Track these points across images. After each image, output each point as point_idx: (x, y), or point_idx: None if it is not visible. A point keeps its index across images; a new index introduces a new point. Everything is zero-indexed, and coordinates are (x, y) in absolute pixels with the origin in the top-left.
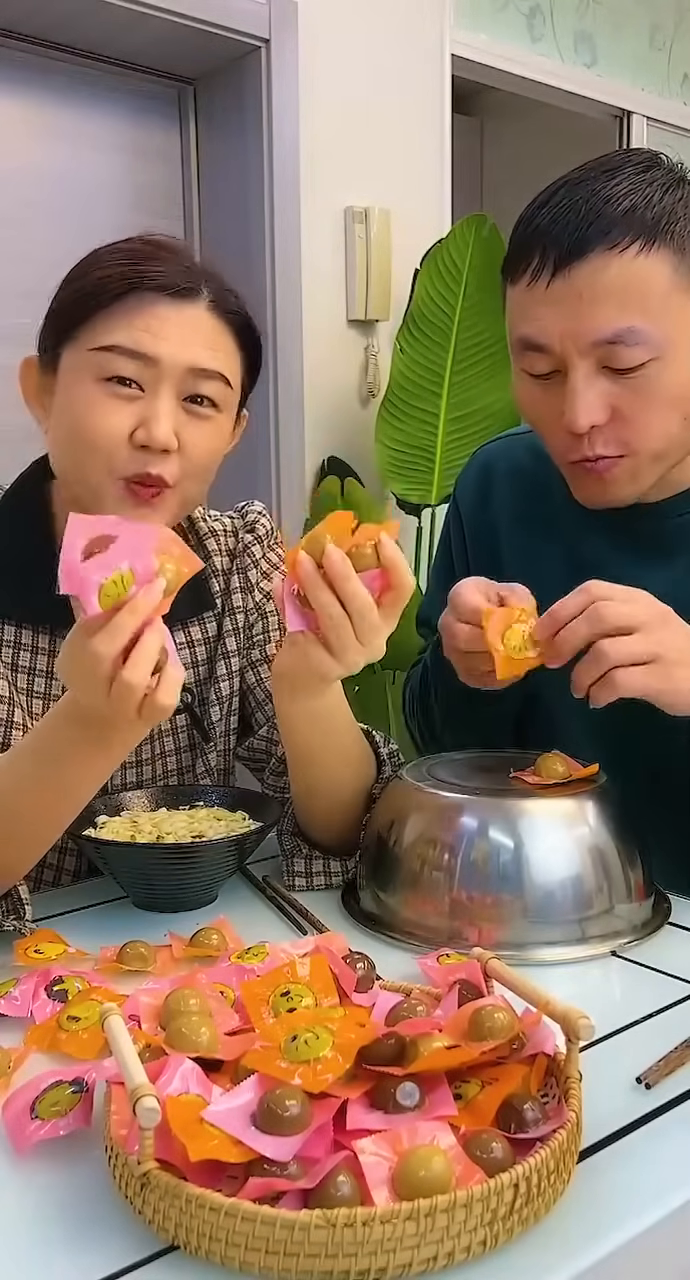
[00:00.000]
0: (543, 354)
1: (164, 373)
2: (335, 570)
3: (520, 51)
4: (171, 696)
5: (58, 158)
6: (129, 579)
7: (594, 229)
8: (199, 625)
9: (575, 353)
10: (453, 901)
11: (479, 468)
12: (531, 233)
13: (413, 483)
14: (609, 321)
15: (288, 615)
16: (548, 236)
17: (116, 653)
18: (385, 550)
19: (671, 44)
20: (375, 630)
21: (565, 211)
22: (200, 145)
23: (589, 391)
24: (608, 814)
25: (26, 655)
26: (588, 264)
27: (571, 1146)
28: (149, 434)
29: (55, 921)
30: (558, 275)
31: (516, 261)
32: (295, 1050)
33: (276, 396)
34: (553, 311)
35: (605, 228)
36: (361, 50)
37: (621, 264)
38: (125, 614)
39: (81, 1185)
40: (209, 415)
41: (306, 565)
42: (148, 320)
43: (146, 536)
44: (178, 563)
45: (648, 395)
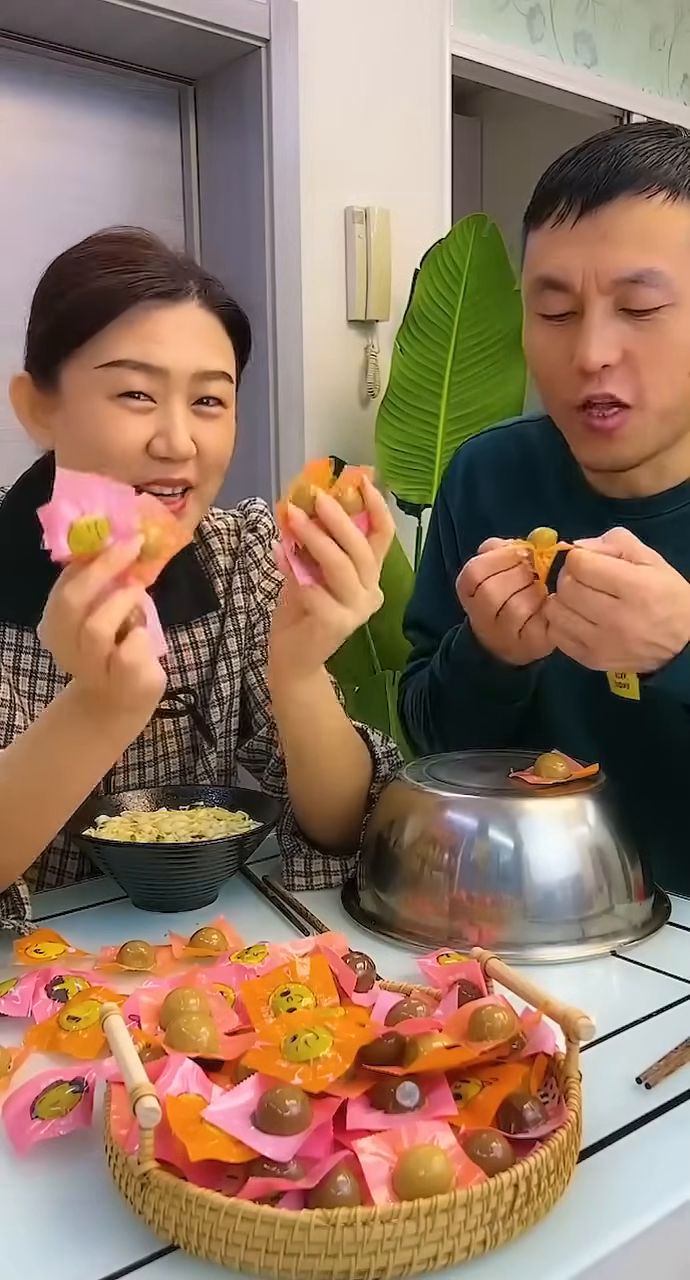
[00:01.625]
0: (561, 292)
1: (173, 382)
2: (330, 516)
3: (520, 51)
4: (137, 654)
5: (58, 158)
6: (104, 526)
7: (622, 175)
8: (202, 626)
9: (595, 290)
10: (453, 901)
11: (464, 464)
12: (559, 182)
13: (413, 483)
14: (631, 260)
15: (296, 571)
16: (574, 184)
17: (84, 603)
18: (369, 494)
19: (671, 44)
20: (373, 572)
21: (593, 161)
22: (200, 145)
23: (605, 328)
24: (608, 814)
25: (28, 658)
26: (614, 205)
27: (571, 1146)
28: (169, 445)
29: (55, 921)
30: (584, 216)
31: (541, 207)
32: (295, 1050)
33: (276, 396)
34: (576, 250)
35: (632, 175)
36: (361, 50)
37: (647, 209)
38: (97, 565)
39: (81, 1185)
40: (217, 414)
41: (301, 517)
42: (148, 329)
43: (130, 496)
44: (162, 530)
45: (660, 341)
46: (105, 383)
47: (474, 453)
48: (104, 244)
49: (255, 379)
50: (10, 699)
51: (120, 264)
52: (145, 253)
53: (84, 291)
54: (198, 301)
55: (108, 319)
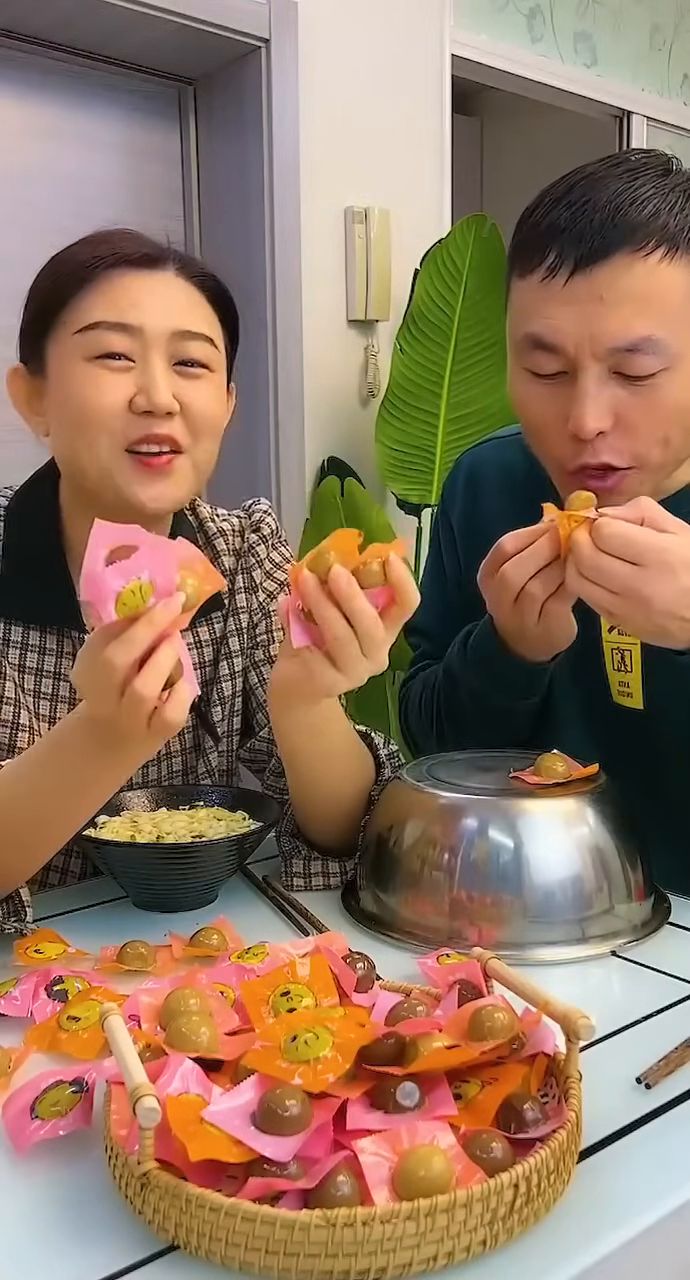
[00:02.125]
0: (553, 354)
1: (150, 340)
2: (341, 591)
3: (520, 51)
4: (180, 713)
5: (58, 158)
6: (148, 590)
7: (618, 230)
8: (207, 626)
9: (589, 355)
10: (453, 901)
11: (465, 474)
12: (547, 228)
13: (413, 483)
14: (628, 328)
15: (292, 631)
16: (567, 234)
17: (130, 663)
18: (394, 569)
19: (671, 44)
20: (380, 645)
21: (587, 210)
22: (200, 145)
23: (600, 395)
24: (608, 814)
25: (34, 656)
26: (610, 265)
27: (571, 1146)
28: (149, 399)
29: (55, 921)
30: (578, 273)
31: (529, 256)
32: (295, 1050)
33: (276, 396)
34: (569, 311)
35: (629, 230)
36: (361, 50)
37: (645, 269)
38: (142, 625)
39: (81, 1185)
40: (201, 375)
41: (310, 583)
42: (122, 293)
43: (169, 550)
44: (200, 579)
45: (654, 405)
46: (83, 346)
47: (475, 462)
48: (86, 236)
49: (255, 379)
50: (16, 697)
51: (96, 242)
52: (123, 233)
53: (61, 271)
54: (174, 271)
55: (82, 285)
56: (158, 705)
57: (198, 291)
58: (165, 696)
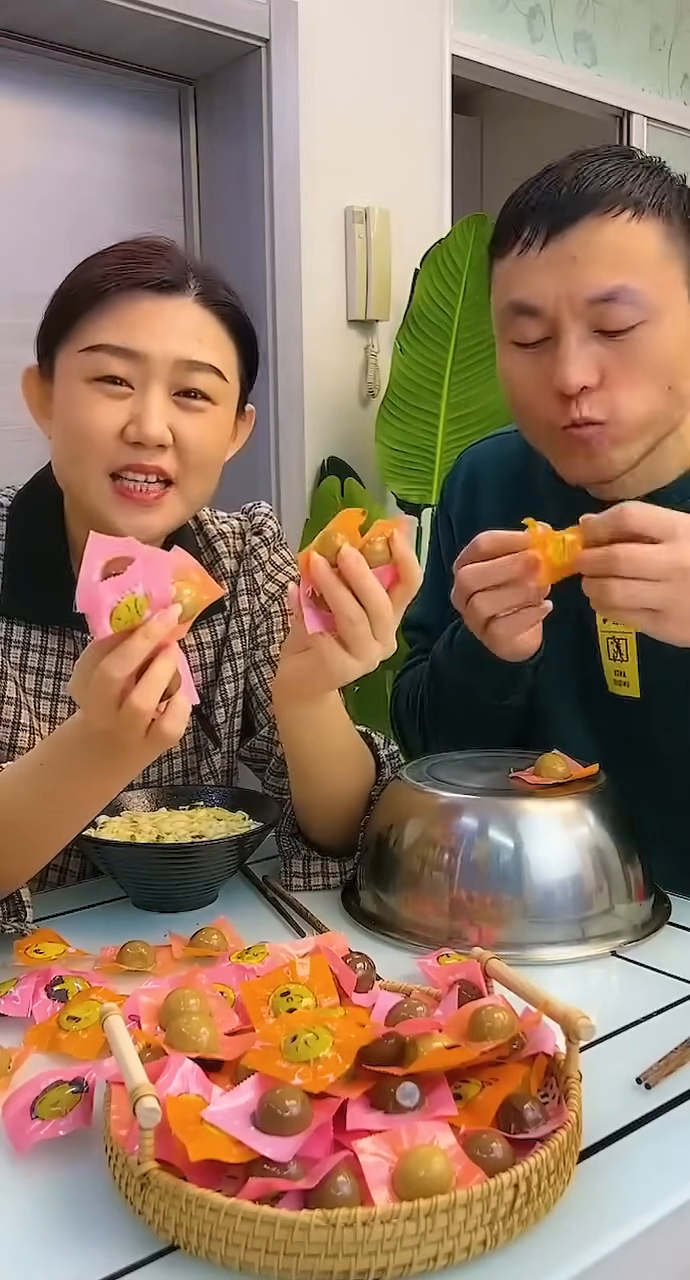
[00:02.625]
0: (534, 318)
1: (152, 368)
2: (352, 570)
3: (520, 51)
4: (178, 725)
5: (58, 158)
6: (143, 603)
7: (585, 196)
8: (208, 628)
9: (569, 313)
10: (453, 901)
11: (465, 471)
12: (520, 210)
13: (413, 483)
14: (602, 280)
15: (306, 618)
16: (537, 210)
17: (127, 675)
18: (398, 546)
19: (671, 44)
20: (389, 625)
21: (554, 186)
22: (200, 145)
23: (582, 352)
24: (608, 814)
25: (35, 655)
26: (581, 227)
27: (571, 1146)
28: (140, 430)
29: (55, 921)
30: (551, 240)
31: (505, 235)
32: (295, 1050)
33: (276, 396)
34: (546, 275)
35: (595, 195)
36: (361, 50)
37: (614, 228)
38: (138, 638)
39: (81, 1185)
40: (202, 408)
41: (321, 566)
42: (133, 317)
43: (165, 561)
44: (196, 589)
45: (635, 359)
46: (86, 366)
47: (476, 458)
48: (125, 243)
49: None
50: (17, 697)
51: (121, 258)
52: (151, 252)
53: (79, 282)
54: (194, 298)
55: (96, 302)
56: (155, 717)
57: (216, 320)
58: (163, 708)
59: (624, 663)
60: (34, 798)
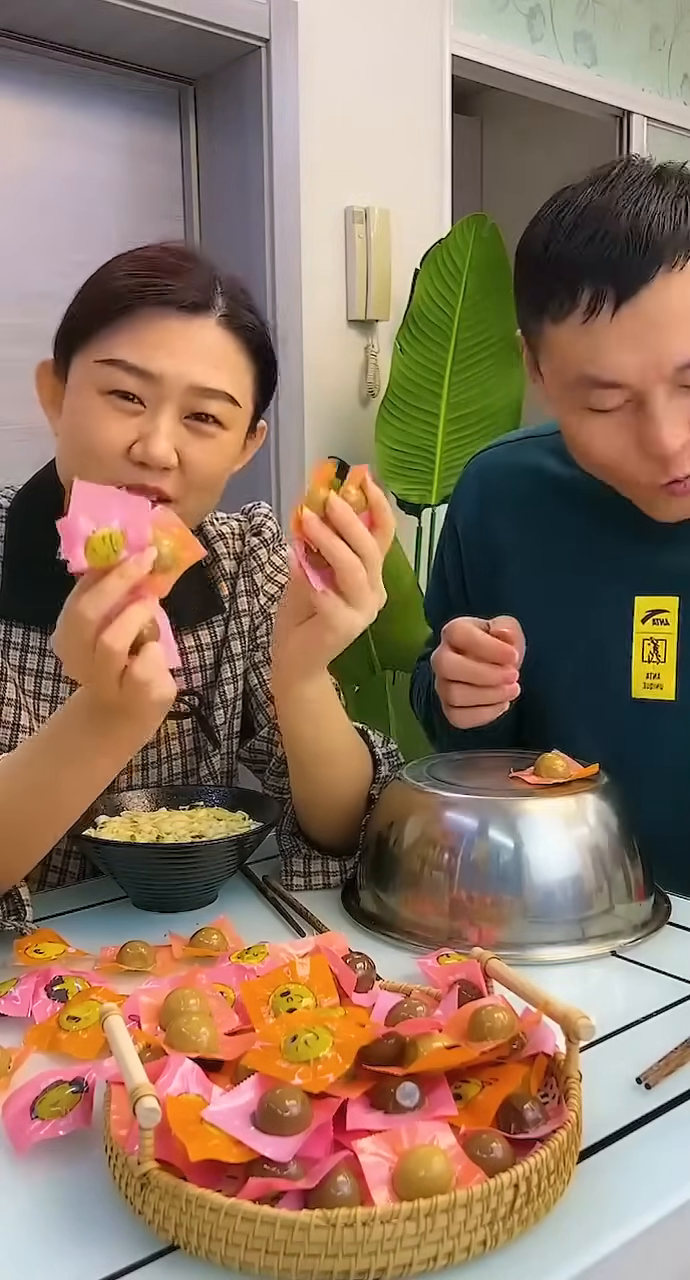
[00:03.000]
0: (616, 389)
1: (166, 390)
2: (342, 518)
3: (520, 51)
4: (151, 671)
5: (58, 158)
6: (119, 539)
7: (649, 255)
8: (208, 629)
9: (656, 380)
10: (453, 901)
11: (475, 479)
12: (568, 265)
13: (413, 483)
14: (686, 343)
15: (311, 579)
16: (595, 268)
17: (100, 615)
18: (371, 491)
19: (671, 44)
20: (379, 572)
21: (606, 240)
22: (200, 145)
23: (671, 414)
24: (608, 814)
25: (34, 658)
26: (651, 289)
27: (571, 1146)
28: (146, 451)
29: (55, 921)
30: (623, 306)
31: (557, 298)
32: (295, 1050)
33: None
34: (626, 345)
35: (659, 251)
36: (361, 50)
37: (682, 280)
38: (113, 577)
39: (81, 1185)
40: (212, 433)
41: (314, 521)
42: (153, 336)
43: (144, 507)
44: (176, 542)
45: None
46: (100, 378)
47: (486, 467)
48: (153, 250)
49: None
50: (17, 698)
51: (150, 270)
52: (180, 266)
53: (105, 288)
54: (218, 319)
55: (117, 317)
56: (128, 665)
57: (237, 343)
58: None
59: (660, 664)
60: (27, 788)
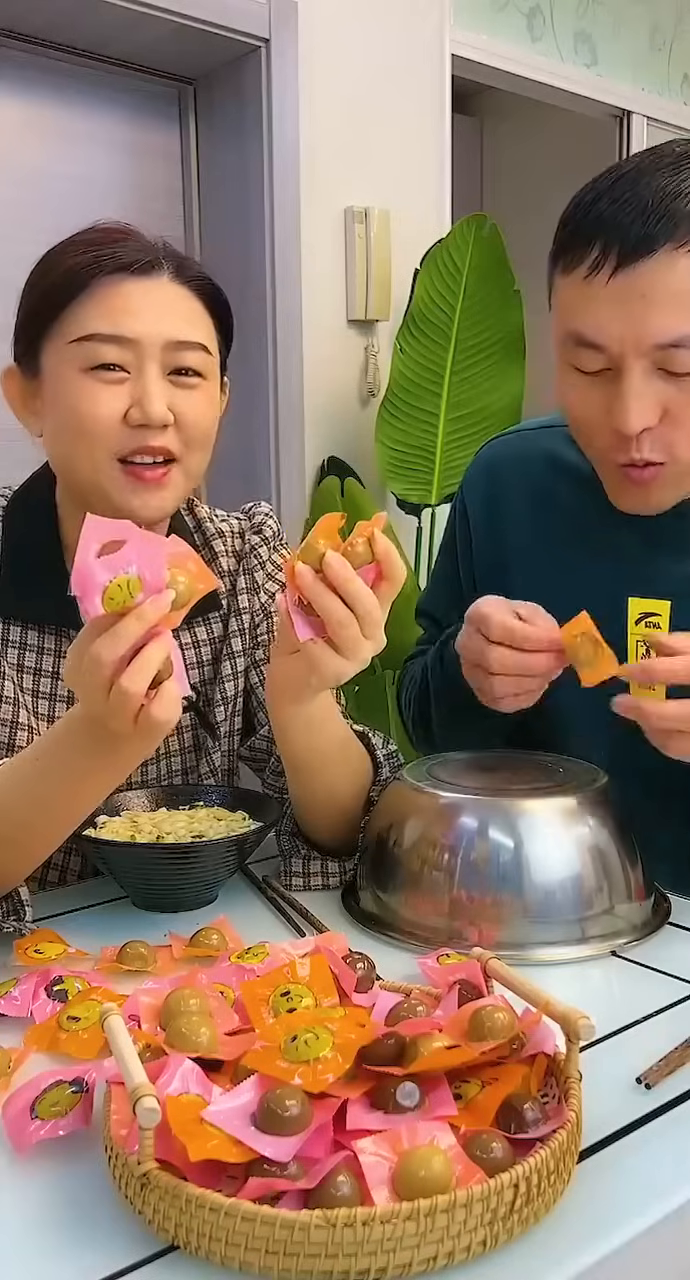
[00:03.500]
0: (597, 351)
1: (145, 351)
2: (337, 575)
3: (520, 51)
4: (168, 711)
5: (58, 158)
6: (136, 585)
7: (662, 225)
8: (205, 626)
9: (633, 353)
10: (453, 901)
11: (485, 466)
12: (590, 221)
13: (413, 483)
14: (671, 325)
15: (296, 626)
16: (609, 228)
17: (117, 658)
18: (379, 544)
19: (671, 44)
20: (378, 624)
21: (629, 204)
22: (200, 145)
23: (644, 392)
24: (608, 814)
25: (32, 656)
26: (653, 260)
27: (571, 1146)
28: (144, 412)
29: (55, 921)
30: (620, 270)
31: (572, 250)
32: (295, 1050)
33: (276, 396)
34: (613, 310)
35: (673, 225)
36: (361, 50)
37: (688, 264)
38: (130, 620)
39: (81, 1185)
40: (196, 384)
41: (307, 575)
42: (118, 301)
43: (159, 546)
44: (191, 578)
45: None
46: (79, 357)
47: (497, 455)
48: (82, 233)
49: (255, 379)
50: (15, 697)
51: (92, 245)
52: (117, 235)
53: (56, 272)
54: (169, 276)
55: (77, 292)
56: (145, 703)
57: (193, 296)
58: (153, 695)
59: None
60: (31, 793)
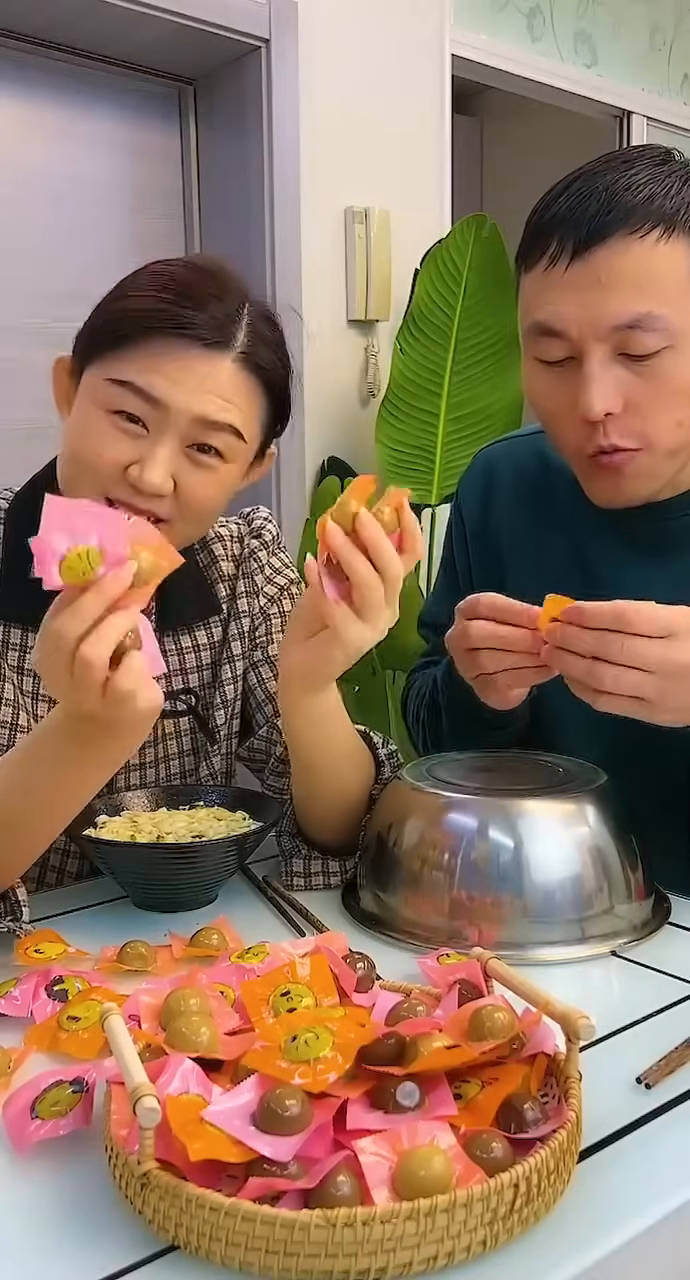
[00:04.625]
0: (558, 339)
1: (171, 419)
2: (371, 536)
3: (520, 51)
4: (133, 682)
5: (58, 158)
6: (95, 556)
7: (614, 214)
8: (205, 630)
9: (592, 337)
10: (453, 901)
11: (481, 470)
12: (548, 220)
13: (413, 483)
14: (627, 306)
15: (325, 586)
16: (566, 223)
17: (78, 633)
18: (406, 516)
19: (671, 44)
20: (397, 593)
21: (583, 199)
22: (200, 145)
23: (605, 377)
24: (608, 814)
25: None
26: (606, 248)
27: (571, 1146)
28: (142, 477)
29: (55, 921)
30: (576, 259)
31: (531, 248)
32: (295, 1050)
33: None
34: (570, 296)
35: (625, 213)
36: (361, 50)
37: (641, 249)
38: (90, 594)
39: (81, 1185)
40: (213, 465)
41: (338, 534)
42: (166, 365)
43: (120, 521)
44: (155, 554)
45: (661, 384)
46: (107, 395)
47: (491, 460)
48: (182, 266)
49: None
50: (15, 699)
51: (174, 294)
52: (206, 292)
53: (126, 306)
54: (237, 357)
55: (133, 341)
56: (109, 677)
57: (251, 382)
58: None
59: None
60: (21, 790)
